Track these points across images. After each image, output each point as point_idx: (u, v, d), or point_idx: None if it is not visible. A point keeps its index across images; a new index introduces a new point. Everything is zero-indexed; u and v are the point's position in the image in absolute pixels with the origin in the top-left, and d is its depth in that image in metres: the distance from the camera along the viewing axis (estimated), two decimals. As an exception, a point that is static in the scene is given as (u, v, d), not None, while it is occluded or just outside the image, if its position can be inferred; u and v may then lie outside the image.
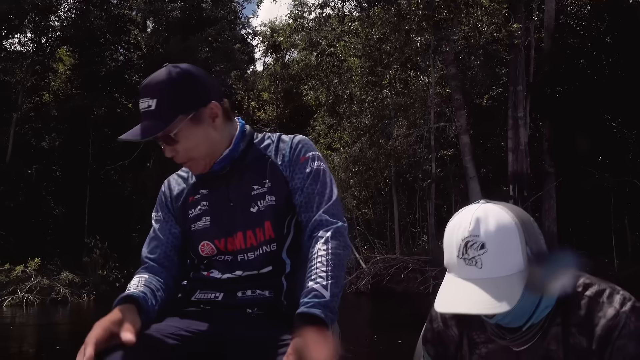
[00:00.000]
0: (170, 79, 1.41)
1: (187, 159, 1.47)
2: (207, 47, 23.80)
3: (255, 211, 1.45)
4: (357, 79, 18.74)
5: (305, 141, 1.54)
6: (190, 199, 1.54)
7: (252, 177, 1.49)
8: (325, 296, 1.26)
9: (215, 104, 1.47)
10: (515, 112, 15.78)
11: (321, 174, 1.47)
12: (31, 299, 15.00)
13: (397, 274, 15.37)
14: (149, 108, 1.41)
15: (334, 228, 1.38)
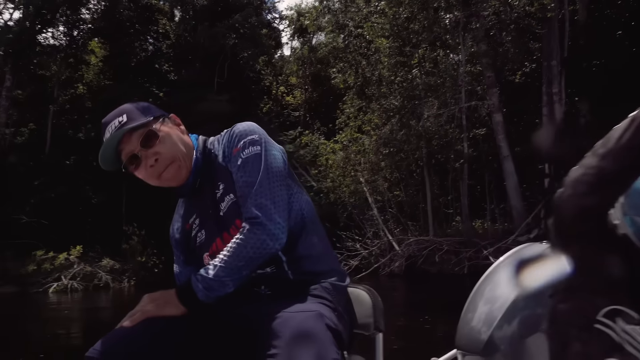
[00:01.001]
0: (131, 103, 1.53)
1: (170, 159, 1.48)
2: (234, 33, 23.86)
3: (223, 214, 1.50)
4: (385, 59, 18.52)
5: (239, 130, 1.52)
6: (187, 226, 1.62)
7: (211, 182, 1.54)
8: (209, 274, 1.36)
9: (175, 115, 1.60)
10: (549, 88, 15.35)
11: (250, 162, 1.46)
12: (75, 285, 15.57)
13: (431, 256, 15.31)
14: (120, 122, 1.46)
15: (252, 221, 1.39)
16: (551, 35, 15.28)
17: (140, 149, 1.46)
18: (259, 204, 1.41)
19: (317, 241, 1.53)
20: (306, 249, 1.49)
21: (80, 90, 24.49)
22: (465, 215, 16.64)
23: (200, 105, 21.64)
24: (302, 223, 1.51)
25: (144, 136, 1.46)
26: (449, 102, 16.90)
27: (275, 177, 1.45)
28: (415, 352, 5.56)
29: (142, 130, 1.46)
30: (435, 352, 1.91)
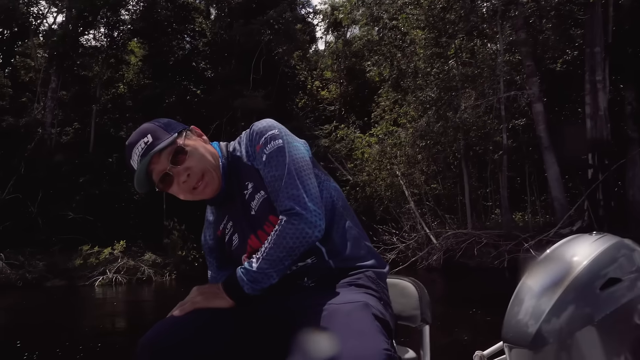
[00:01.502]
0: (151, 123, 1.55)
1: (202, 171, 1.50)
2: (269, 29, 24.00)
3: (254, 213, 1.51)
4: (421, 51, 18.29)
5: (258, 128, 1.53)
6: (219, 233, 1.64)
7: (239, 184, 1.55)
8: (253, 267, 1.39)
9: (195, 127, 1.61)
10: (592, 75, 14.83)
11: (274, 156, 1.46)
12: (119, 278, 16.08)
13: (470, 249, 15.07)
14: (146, 142, 1.47)
15: (286, 212, 1.40)
16: (594, 20, 14.74)
17: (171, 166, 1.47)
18: (292, 195, 1.41)
19: (351, 225, 1.53)
20: (342, 235, 1.50)
21: (121, 89, 25.18)
22: (505, 208, 16.31)
23: (236, 102, 21.92)
24: (334, 210, 1.52)
25: (173, 153, 1.47)
26: (487, 93, 16.56)
27: (302, 167, 1.46)
28: (459, 344, 5.52)
29: (170, 148, 1.47)
30: (480, 346, 1.91)
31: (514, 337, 1.43)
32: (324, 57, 31.42)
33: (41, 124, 21.21)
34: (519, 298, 1.47)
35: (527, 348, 1.38)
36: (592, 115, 14.83)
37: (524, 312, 1.42)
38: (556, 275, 1.42)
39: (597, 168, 14.54)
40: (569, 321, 1.34)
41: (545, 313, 1.36)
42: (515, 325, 1.43)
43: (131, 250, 17.67)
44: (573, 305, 1.35)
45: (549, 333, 1.34)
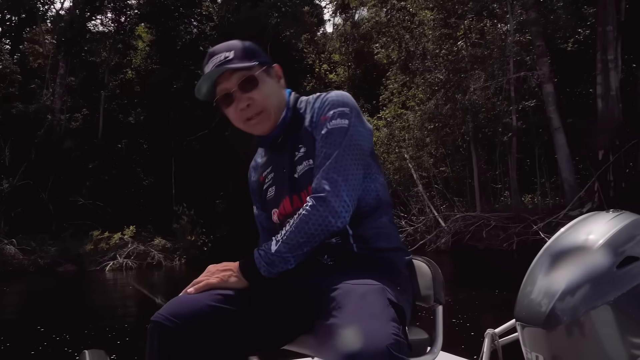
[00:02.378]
0: (240, 41, 1.54)
1: (262, 108, 1.50)
2: (276, 12, 23.81)
3: (297, 177, 1.50)
4: (429, 32, 18.09)
5: (333, 97, 1.51)
6: (261, 179, 1.65)
7: (293, 143, 1.53)
8: (272, 249, 1.39)
9: (279, 66, 1.59)
10: (604, 54, 14.60)
11: (334, 133, 1.44)
12: (129, 263, 16.25)
13: (478, 232, 15.05)
14: (225, 58, 1.47)
15: (318, 197, 1.39)
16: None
17: (237, 90, 1.48)
18: (330, 178, 1.40)
19: (386, 222, 1.52)
20: (375, 227, 1.48)
21: (129, 75, 25.19)
22: (514, 190, 16.21)
23: (244, 86, 21.86)
24: (376, 203, 1.51)
25: (244, 79, 1.48)
26: (497, 74, 16.38)
27: (353, 155, 1.43)
28: (470, 324, 5.54)
29: (244, 73, 1.47)
30: (491, 324, 1.92)
31: (527, 316, 1.43)
32: (332, 39, 31.15)
33: (50, 111, 21.32)
34: (533, 277, 1.46)
35: (540, 327, 1.37)
36: (604, 96, 14.64)
37: (538, 290, 1.41)
38: (571, 253, 1.41)
39: (607, 149, 14.39)
40: (583, 300, 1.32)
41: (559, 292, 1.35)
42: (529, 304, 1.43)
43: (141, 235, 17.83)
44: (588, 284, 1.33)
45: (563, 312, 1.33)
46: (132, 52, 25.06)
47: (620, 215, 1.47)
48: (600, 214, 1.52)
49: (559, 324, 1.34)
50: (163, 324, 1.27)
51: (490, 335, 1.89)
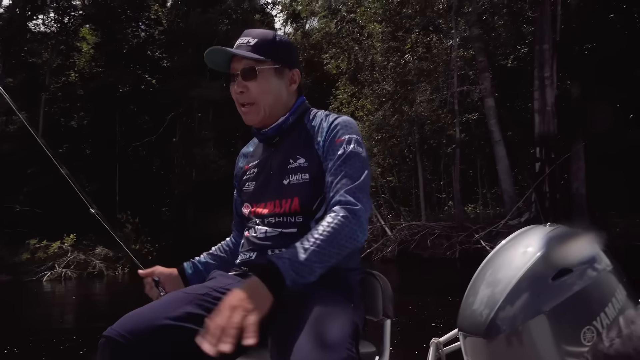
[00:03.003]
0: (275, 35, 1.62)
1: (252, 100, 1.57)
2: (226, 19, 23.71)
3: (286, 184, 1.52)
4: (378, 45, 18.47)
5: (345, 122, 1.55)
6: (246, 167, 1.71)
7: (291, 150, 1.57)
8: (300, 257, 1.27)
9: (298, 72, 1.67)
10: (541, 71, 15.35)
11: (353, 157, 1.48)
12: (69, 273, 15.62)
13: (423, 240, 15.41)
14: (247, 43, 1.58)
15: (349, 209, 1.38)
16: (543, 18, 15.24)
17: (239, 75, 1.57)
18: (358, 197, 1.42)
19: None
20: None
21: (72, 77, 24.33)
22: (458, 200, 16.73)
23: (193, 92, 21.58)
24: None
25: (247, 69, 1.55)
26: (441, 87, 16.91)
27: (368, 183, 1.50)
28: (415, 333, 5.65)
29: (250, 62, 1.55)
30: (435, 333, 1.96)
31: (468, 326, 1.45)
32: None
33: (-15, 113, 20.29)
34: (475, 288, 1.49)
35: (481, 336, 1.40)
36: (540, 111, 15.36)
37: (479, 301, 1.44)
38: (511, 265, 1.45)
39: (544, 161, 15.09)
40: (521, 310, 1.36)
41: (499, 302, 1.38)
42: (470, 315, 1.45)
43: (82, 243, 17.19)
44: (526, 294, 1.37)
45: (502, 322, 1.37)
46: (76, 54, 24.24)
47: (556, 229, 1.54)
48: (538, 228, 1.58)
49: (499, 334, 1.36)
50: (115, 340, 1.23)
51: (435, 345, 1.92)
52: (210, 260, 1.80)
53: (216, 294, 1.41)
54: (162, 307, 1.34)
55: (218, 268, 1.72)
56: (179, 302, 1.37)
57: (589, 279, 1.39)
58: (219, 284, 1.47)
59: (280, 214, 1.51)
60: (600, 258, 1.45)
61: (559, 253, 1.44)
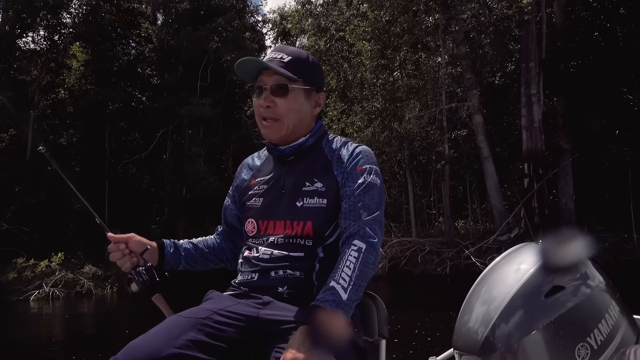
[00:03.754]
0: (307, 55, 1.62)
1: (277, 116, 1.55)
2: (217, 37, 23.83)
3: (300, 206, 1.50)
4: (367, 62, 18.66)
5: (366, 152, 1.57)
6: (252, 181, 1.66)
7: (308, 173, 1.55)
8: (343, 297, 1.28)
9: (324, 96, 1.67)
10: (528, 89, 15.61)
11: (372, 188, 1.49)
12: (56, 292, 15.40)
13: (414, 257, 15.44)
14: (280, 59, 1.56)
15: (369, 242, 1.40)
16: (529, 37, 15.55)
17: (268, 89, 1.54)
18: (375, 230, 1.44)
19: None
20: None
21: (61, 95, 24.26)
22: (447, 216, 16.82)
23: (183, 110, 21.59)
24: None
25: (278, 85, 1.54)
26: (430, 104, 17.09)
27: (383, 217, 1.52)
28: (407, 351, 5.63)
29: (283, 79, 1.53)
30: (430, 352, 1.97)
31: (463, 344, 1.46)
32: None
33: (-27, 130, 20.14)
34: (469, 306, 1.50)
35: (476, 355, 1.40)
36: (528, 127, 15.58)
37: (474, 319, 1.45)
38: (504, 283, 1.46)
39: (532, 178, 15.27)
40: (515, 328, 1.37)
41: (493, 320, 1.39)
42: (465, 333, 1.46)
43: (70, 262, 16.98)
44: (520, 312, 1.38)
45: (497, 340, 1.37)
46: (66, 71, 24.20)
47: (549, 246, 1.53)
48: (530, 245, 1.59)
49: (494, 352, 1.37)
50: None
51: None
52: (192, 250, 1.73)
53: (218, 318, 1.41)
54: (165, 334, 1.34)
55: (197, 261, 1.73)
56: (181, 328, 1.36)
57: (582, 295, 1.41)
58: (219, 306, 1.46)
59: (290, 235, 1.50)
60: (592, 274, 1.47)
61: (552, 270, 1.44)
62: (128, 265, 1.60)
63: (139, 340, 1.33)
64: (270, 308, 1.42)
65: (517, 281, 1.44)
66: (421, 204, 19.12)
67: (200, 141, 23.52)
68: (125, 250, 1.63)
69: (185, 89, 22.30)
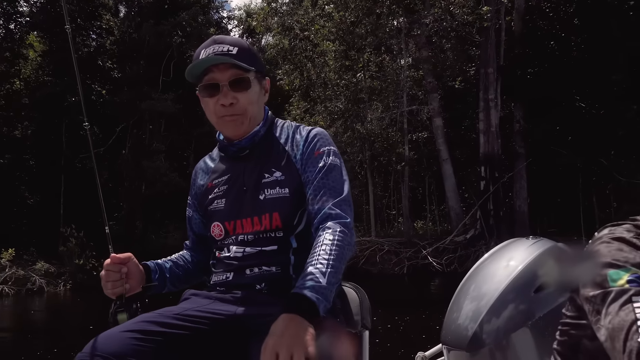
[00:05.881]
0: (247, 43, 1.54)
1: (242, 111, 1.48)
2: (181, 31, 23.51)
3: (262, 199, 1.46)
4: (331, 62, 18.75)
5: (322, 134, 1.52)
6: (209, 184, 1.58)
7: (265, 164, 1.50)
8: (322, 282, 1.23)
9: (269, 81, 1.60)
10: (486, 94, 16.00)
11: (334, 169, 1.46)
12: (6, 289, 14.92)
13: (373, 256, 15.60)
14: (229, 51, 1.45)
15: (342, 222, 1.36)
16: (488, 44, 15.95)
17: (227, 85, 1.45)
18: (345, 210, 1.40)
19: None
20: None
21: (17, 85, 23.46)
22: (406, 217, 17.07)
23: (144, 104, 21.22)
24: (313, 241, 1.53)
25: (238, 78, 1.45)
26: (392, 106, 17.31)
27: (351, 195, 1.47)
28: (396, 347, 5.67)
29: (240, 72, 1.45)
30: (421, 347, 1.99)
31: (452, 340, 1.47)
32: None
33: None
34: (458, 302, 1.51)
35: (464, 350, 1.42)
36: (485, 131, 15.98)
37: (463, 316, 1.46)
38: (493, 279, 1.48)
39: (488, 180, 15.66)
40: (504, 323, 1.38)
41: (482, 316, 1.40)
42: (455, 329, 1.47)
43: (22, 258, 16.47)
44: (509, 308, 1.40)
45: (486, 335, 1.38)
46: (22, 61, 23.42)
47: (538, 242, 1.56)
48: (520, 241, 1.60)
49: (482, 347, 1.39)
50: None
51: (421, 358, 1.92)
52: (175, 269, 1.64)
53: (194, 317, 1.37)
54: (137, 332, 1.28)
55: (180, 280, 1.64)
56: (154, 322, 1.32)
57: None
58: (195, 305, 1.43)
59: (260, 231, 1.46)
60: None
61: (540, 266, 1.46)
62: (119, 290, 1.46)
63: (108, 333, 1.29)
64: (248, 304, 1.39)
65: (506, 277, 1.46)
66: (381, 204, 19.33)
67: (162, 137, 23.17)
68: (124, 273, 1.48)
69: (147, 84, 21.93)
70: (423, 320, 7.64)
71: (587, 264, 1.12)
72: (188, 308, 1.40)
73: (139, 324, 1.30)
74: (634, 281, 1.03)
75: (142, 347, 1.25)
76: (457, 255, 14.57)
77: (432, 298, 11.51)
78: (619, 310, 1.01)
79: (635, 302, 1.00)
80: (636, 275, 1.04)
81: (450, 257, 14.60)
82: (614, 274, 1.05)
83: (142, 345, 1.25)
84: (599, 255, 1.10)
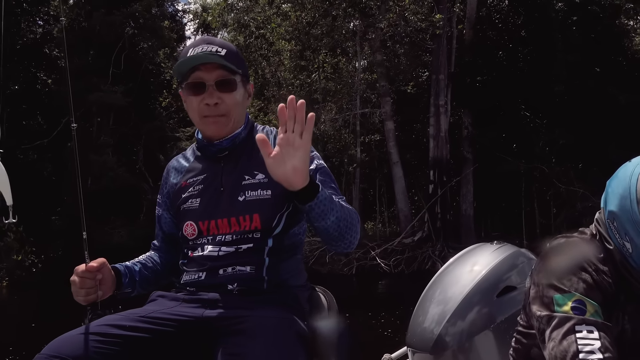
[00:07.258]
0: (235, 47, 1.58)
1: (226, 112, 1.49)
2: (133, 22, 22.91)
3: (242, 200, 1.47)
4: (286, 62, 18.74)
5: None
6: (184, 183, 1.58)
7: (246, 166, 1.51)
8: (331, 196, 1.31)
9: (252, 85, 1.63)
10: (437, 99, 16.42)
11: (326, 172, 1.50)
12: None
13: (322, 256, 15.70)
14: (218, 52, 1.48)
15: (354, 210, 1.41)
16: (440, 50, 16.36)
17: (213, 85, 1.46)
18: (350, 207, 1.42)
19: (299, 260, 1.56)
20: (289, 264, 1.50)
21: (-47, 71, 22.27)
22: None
23: (92, 96, 20.55)
24: (298, 241, 1.56)
25: (225, 79, 1.47)
26: (345, 108, 17.49)
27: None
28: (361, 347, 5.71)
29: (227, 73, 1.47)
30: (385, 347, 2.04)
31: (417, 342, 1.51)
32: (192, 57, 30.62)
33: None
34: (423, 305, 1.56)
35: (428, 352, 1.46)
36: (435, 136, 16.39)
37: (428, 319, 1.50)
38: (458, 283, 1.52)
39: (436, 184, 16.08)
40: (468, 326, 1.43)
41: (446, 319, 1.45)
42: (420, 332, 1.51)
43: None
44: (472, 311, 1.44)
45: (450, 338, 1.43)
46: (-40, 46, 22.23)
47: (502, 247, 1.61)
48: (485, 246, 1.65)
49: (446, 350, 1.43)
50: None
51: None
52: (144, 272, 1.61)
53: (159, 320, 1.36)
54: (98, 330, 1.28)
55: (150, 283, 1.62)
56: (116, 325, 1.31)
57: None
58: (161, 307, 1.41)
59: (238, 231, 1.46)
60: None
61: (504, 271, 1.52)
62: (93, 298, 1.43)
63: (69, 334, 1.27)
64: (216, 307, 1.38)
65: (470, 281, 1.51)
66: (333, 205, 19.51)
67: (110, 130, 22.51)
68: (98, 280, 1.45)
69: (96, 75, 21.22)
70: (382, 320, 7.78)
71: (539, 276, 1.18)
72: (154, 310, 1.40)
73: (101, 327, 1.29)
74: (577, 308, 1.10)
75: (103, 350, 1.24)
76: (405, 257, 14.91)
77: (381, 298, 11.75)
78: (562, 339, 1.07)
79: (578, 331, 1.06)
80: (579, 302, 1.10)
81: (398, 258, 14.91)
82: (559, 299, 1.11)
83: (103, 347, 1.25)
84: (550, 271, 1.16)
